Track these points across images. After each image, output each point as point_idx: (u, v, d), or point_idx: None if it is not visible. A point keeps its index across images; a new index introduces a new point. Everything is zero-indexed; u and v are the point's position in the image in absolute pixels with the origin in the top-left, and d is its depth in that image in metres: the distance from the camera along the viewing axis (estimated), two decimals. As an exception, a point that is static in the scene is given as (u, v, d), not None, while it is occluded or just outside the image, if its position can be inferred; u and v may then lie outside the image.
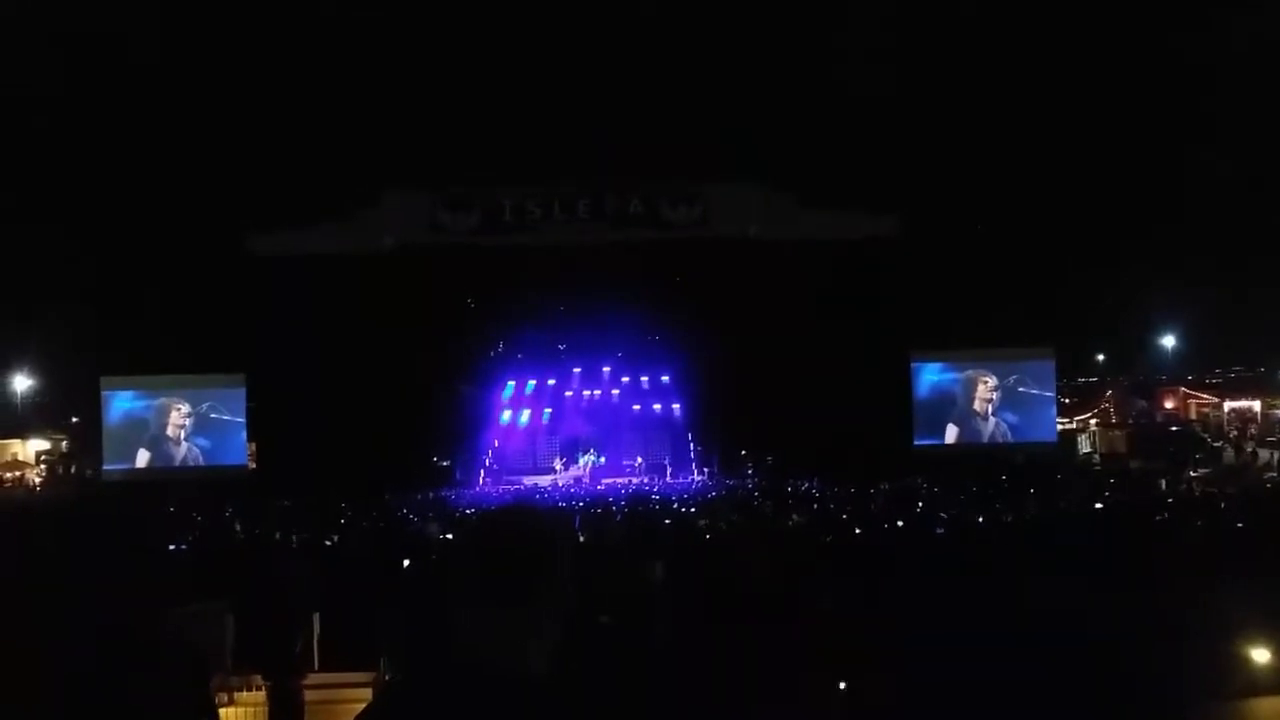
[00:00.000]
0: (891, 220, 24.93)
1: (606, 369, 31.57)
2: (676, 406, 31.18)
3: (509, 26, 23.72)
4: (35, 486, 28.96)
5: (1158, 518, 12.45)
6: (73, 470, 30.36)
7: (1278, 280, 25.33)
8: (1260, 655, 7.64)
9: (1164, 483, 20.84)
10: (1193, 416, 34.31)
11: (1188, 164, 24.39)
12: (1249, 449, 27.32)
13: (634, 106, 23.93)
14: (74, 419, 31.78)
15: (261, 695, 8.36)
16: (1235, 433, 31.34)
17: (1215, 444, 28.63)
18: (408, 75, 23.57)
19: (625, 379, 31.56)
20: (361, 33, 23.23)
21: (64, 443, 32.47)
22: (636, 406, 31.61)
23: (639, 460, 30.21)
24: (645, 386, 31.48)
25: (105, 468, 27.24)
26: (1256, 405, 33.93)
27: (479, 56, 23.81)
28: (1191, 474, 22.81)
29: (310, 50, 22.91)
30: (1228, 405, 34.38)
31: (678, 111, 24.02)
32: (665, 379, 31.20)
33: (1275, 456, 25.67)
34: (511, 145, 24.80)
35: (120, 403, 27.53)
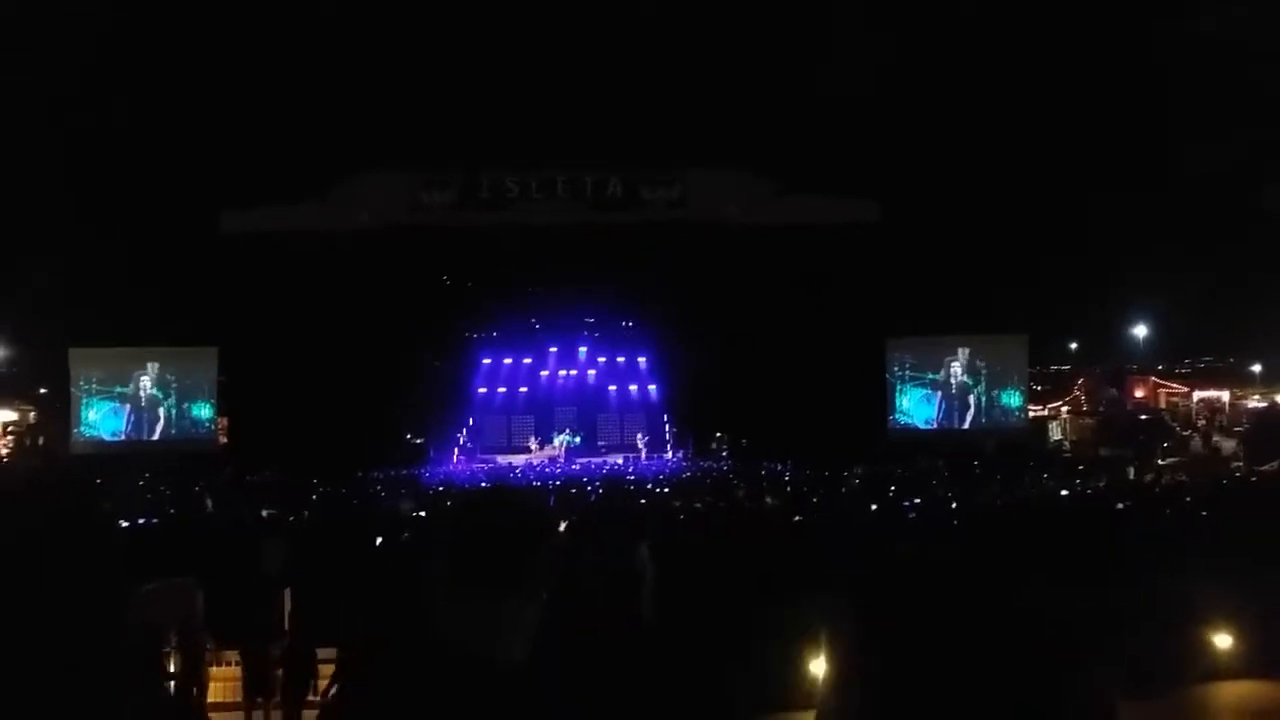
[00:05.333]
0: (870, 206, 24.99)
1: (583, 349, 31.52)
2: (653, 388, 31.20)
3: (490, 5, 23.49)
4: (2, 458, 28.61)
5: (1124, 506, 12.62)
6: (40, 442, 30.01)
7: (1249, 272, 25.62)
8: (1222, 641, 7.78)
9: (1132, 471, 21.09)
10: (1162, 405, 34.73)
11: (1162, 154, 24.59)
12: (1217, 440, 27.68)
13: (615, 88, 23.79)
14: (42, 390, 31.38)
15: (232, 670, 8.34)
16: (1204, 422, 31.75)
17: (1184, 433, 29.00)
18: (386, 53, 23.30)
19: (601, 359, 31.52)
20: (341, 9, 22.93)
21: (31, 414, 32.08)
22: (613, 387, 31.60)
23: (641, 437, 29.63)
24: (621, 367, 31.47)
25: (74, 439, 26.97)
26: (1225, 395, 34.40)
27: (459, 35, 23.58)
28: (1160, 463, 23.10)
29: (289, 25, 22.59)
30: (1197, 395, 34.84)
31: (658, 93, 23.90)
32: (642, 360, 31.19)
33: (1240, 446, 26.03)
34: (491, 124, 24.61)
35: (89, 373, 27.23)
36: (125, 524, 11.84)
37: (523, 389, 31.56)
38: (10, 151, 21.81)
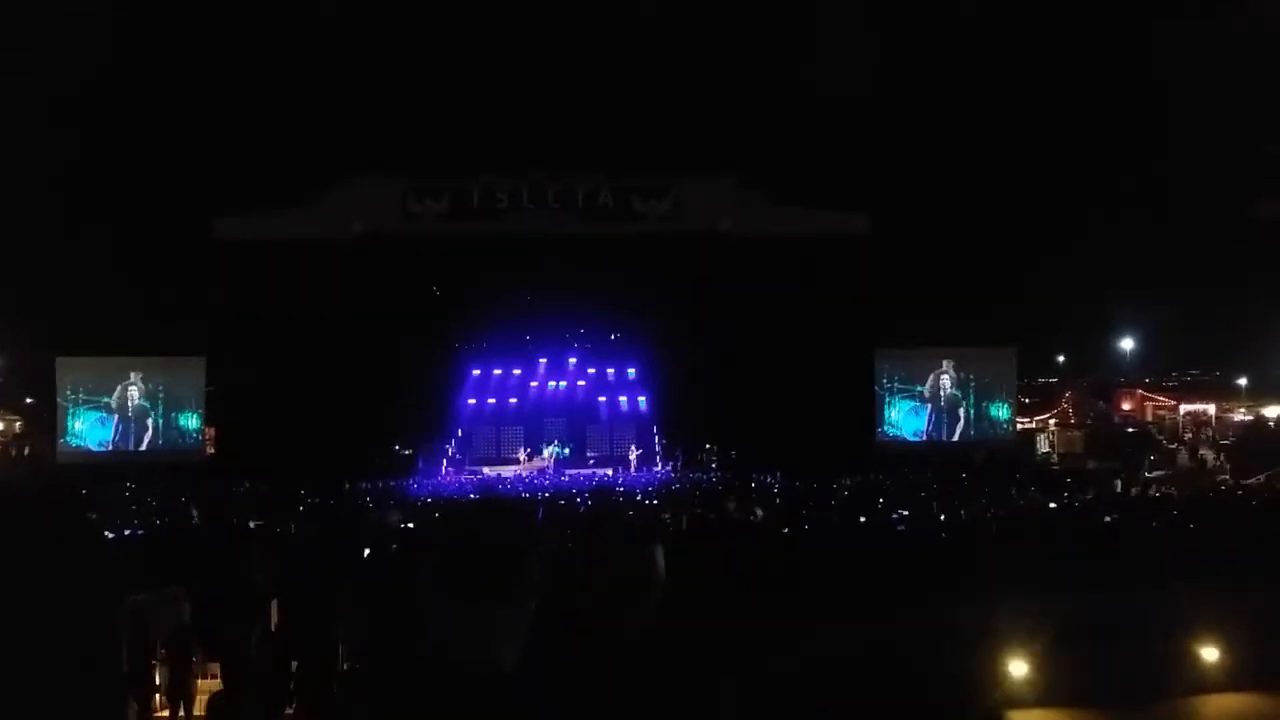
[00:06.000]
0: (861, 218, 25.09)
1: (573, 360, 31.50)
2: (642, 399, 31.19)
3: (483, 13, 23.55)
4: (-12, 467, 28.40)
5: (1111, 519, 12.66)
6: (26, 451, 29.82)
7: (1236, 285, 25.79)
8: (1209, 654, 7.80)
9: (1119, 483, 21.18)
10: (1149, 418, 34.88)
11: (1150, 168, 24.78)
12: (1203, 453, 27.81)
13: (608, 98, 23.86)
14: (28, 399, 31.19)
15: (217, 684, 8.27)
16: (1190, 435, 31.90)
17: (1170, 446, 29.12)
18: (379, 60, 23.33)
19: (591, 370, 31.51)
20: (333, 16, 22.95)
21: (18, 423, 31.87)
22: (602, 398, 31.58)
23: (632, 450, 29.66)
24: (611, 379, 31.45)
25: (60, 449, 26.81)
26: (1211, 408, 34.57)
27: (452, 43, 23.62)
28: (1147, 475, 23.19)
29: (280, 33, 22.60)
30: (1183, 408, 35.00)
31: (651, 104, 23.98)
32: (631, 371, 31.18)
33: (1225, 459, 26.15)
34: (483, 134, 24.64)
35: (76, 383, 27.09)
36: (112, 535, 11.78)
37: (512, 400, 31.51)
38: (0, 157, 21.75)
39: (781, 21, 23.85)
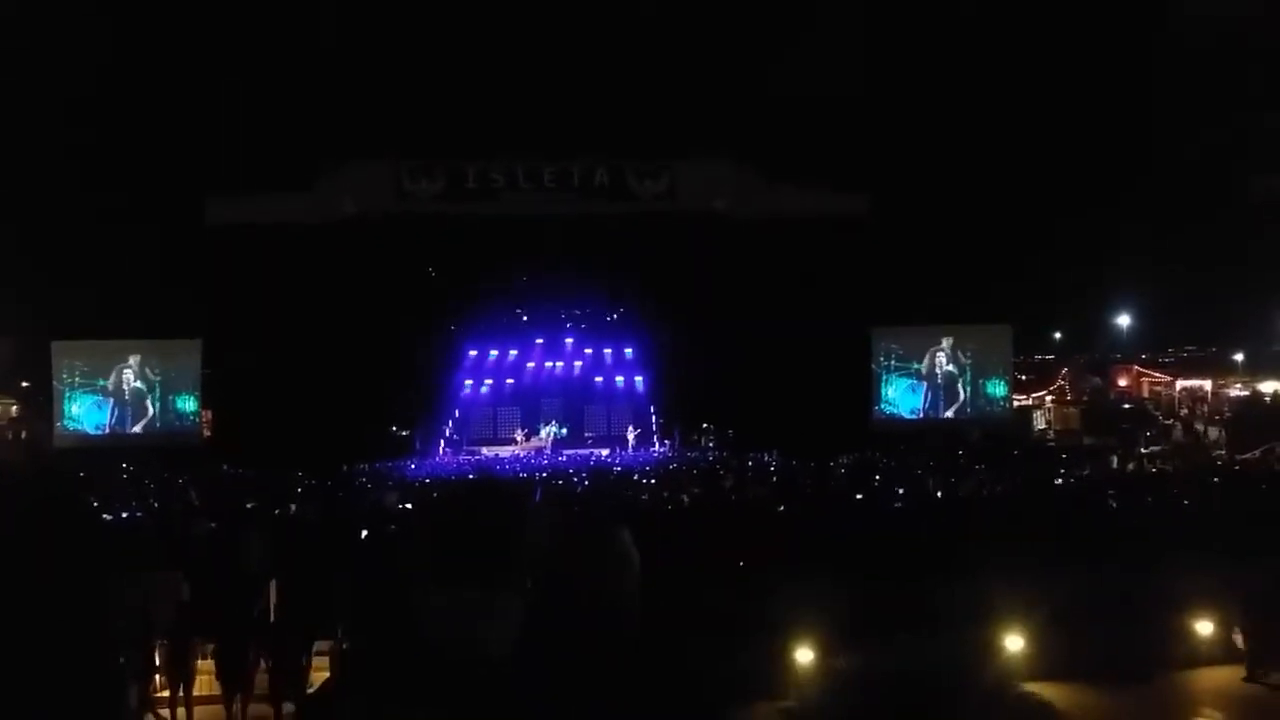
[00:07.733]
0: (858, 198, 25.02)
1: (569, 340, 31.50)
2: (639, 379, 31.21)
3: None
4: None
5: (1108, 494, 12.70)
6: (23, 435, 29.80)
7: (1231, 261, 25.78)
8: (1204, 628, 7.85)
9: (1115, 459, 21.25)
10: (1145, 395, 34.93)
11: (1145, 145, 24.71)
12: (1200, 428, 27.88)
13: (603, 77, 23.71)
14: (24, 383, 31.12)
15: (212, 664, 8.30)
16: (1186, 411, 31.96)
17: (1167, 422, 29.19)
18: (373, 40, 23.17)
19: (588, 351, 31.51)
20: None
21: (14, 407, 31.83)
22: (599, 379, 31.60)
23: (631, 430, 29.79)
24: (608, 359, 31.45)
25: (57, 433, 26.79)
26: (1207, 384, 34.62)
27: (446, 23, 23.45)
28: (1143, 451, 23.27)
29: (273, 12, 22.43)
30: (1179, 384, 35.05)
31: (647, 84, 23.84)
32: (628, 351, 31.19)
33: (1222, 435, 26.23)
34: (478, 114, 24.50)
35: (72, 366, 27.05)
36: (109, 518, 11.79)
37: (509, 381, 31.51)
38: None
39: (778, 2, 23.71)
